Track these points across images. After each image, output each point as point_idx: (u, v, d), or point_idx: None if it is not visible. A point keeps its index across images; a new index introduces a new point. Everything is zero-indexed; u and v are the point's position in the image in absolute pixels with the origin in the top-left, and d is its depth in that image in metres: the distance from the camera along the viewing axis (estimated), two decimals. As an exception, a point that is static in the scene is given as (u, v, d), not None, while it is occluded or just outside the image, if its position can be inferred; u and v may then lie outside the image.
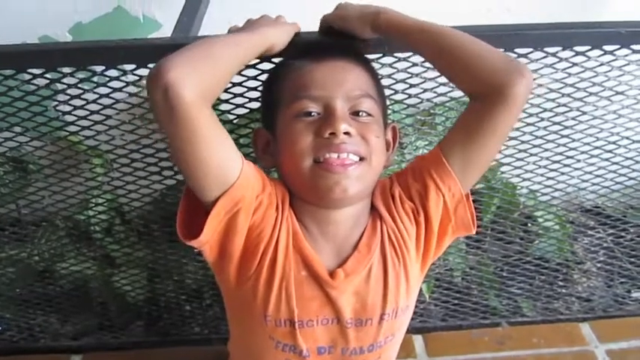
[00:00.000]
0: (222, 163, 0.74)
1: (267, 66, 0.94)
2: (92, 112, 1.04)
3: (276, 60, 0.90)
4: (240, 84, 1.00)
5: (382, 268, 0.84)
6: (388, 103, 1.05)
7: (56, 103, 1.03)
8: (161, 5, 1.41)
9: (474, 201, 0.88)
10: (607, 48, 0.99)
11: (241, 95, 1.02)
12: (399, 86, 1.03)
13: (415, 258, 0.86)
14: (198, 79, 0.68)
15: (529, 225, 1.45)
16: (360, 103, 0.80)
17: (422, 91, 1.05)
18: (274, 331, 0.83)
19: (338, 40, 0.88)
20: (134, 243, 1.32)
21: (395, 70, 1.00)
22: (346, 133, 0.77)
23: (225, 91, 1.00)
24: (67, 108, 1.04)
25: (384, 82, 0.99)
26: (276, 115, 0.83)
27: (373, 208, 0.86)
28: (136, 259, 1.32)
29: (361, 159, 0.79)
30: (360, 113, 0.80)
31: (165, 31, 1.43)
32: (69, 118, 1.06)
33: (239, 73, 0.95)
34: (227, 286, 0.86)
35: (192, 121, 0.68)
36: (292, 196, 0.84)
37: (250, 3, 1.34)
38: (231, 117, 1.07)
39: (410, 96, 1.06)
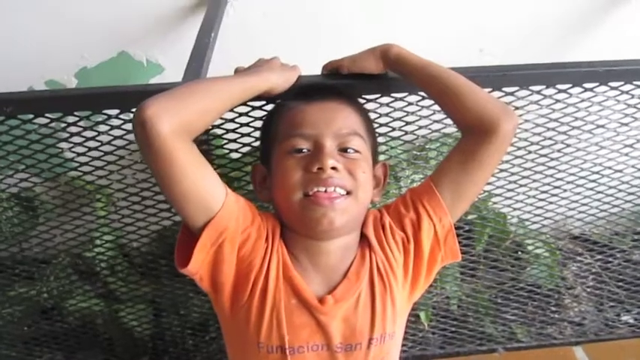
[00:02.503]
0: (203, 193, 0.78)
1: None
2: (106, 154, 1.09)
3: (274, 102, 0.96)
4: (247, 124, 1.06)
5: (370, 295, 0.86)
6: (386, 140, 1.12)
7: (71, 145, 1.08)
8: (164, 50, 1.47)
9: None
10: (587, 85, 1.07)
11: (248, 135, 1.08)
12: (396, 124, 1.10)
13: (402, 285, 0.90)
14: (176, 114, 0.73)
15: (520, 253, 1.51)
16: (349, 140, 0.85)
17: (417, 128, 1.11)
18: (266, 358, 0.85)
19: (331, 81, 0.95)
20: (139, 279, 1.36)
21: (392, 109, 1.06)
22: (333, 168, 0.82)
23: (233, 130, 1.06)
24: (79, 150, 1.09)
25: (382, 120, 1.06)
26: (271, 152, 0.89)
27: (363, 238, 0.90)
28: (142, 294, 1.35)
29: (348, 193, 0.83)
30: (348, 150, 0.85)
31: (168, 74, 1.50)
32: (78, 159, 1.11)
33: (247, 114, 1.02)
34: (222, 314, 0.89)
35: (169, 154, 0.73)
36: (284, 228, 0.88)
37: (252, 50, 1.43)
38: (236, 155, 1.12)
39: (406, 133, 1.12)
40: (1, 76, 1.41)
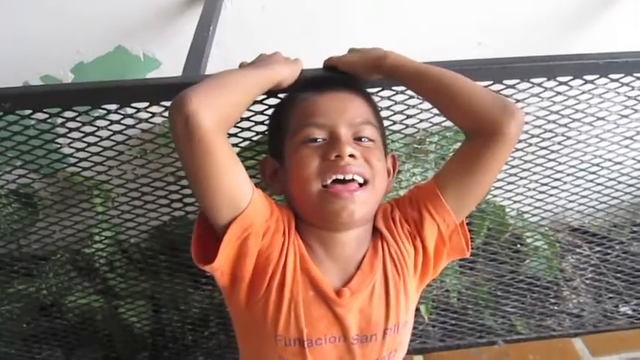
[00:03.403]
0: (235, 188, 0.78)
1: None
2: (105, 149, 1.08)
3: (282, 95, 0.96)
4: (247, 118, 1.06)
5: (384, 286, 0.87)
6: (387, 133, 1.12)
7: (70, 140, 1.07)
8: (160, 44, 1.46)
9: (466, 224, 0.93)
10: (587, 77, 1.07)
11: (248, 129, 1.07)
12: (397, 117, 1.10)
13: (413, 276, 0.91)
14: (217, 109, 0.74)
15: (519, 245, 1.52)
16: (362, 129, 0.85)
17: (418, 121, 1.11)
18: (284, 351, 0.85)
19: (339, 74, 0.94)
20: (138, 275, 1.35)
21: (393, 103, 1.06)
22: (351, 156, 0.83)
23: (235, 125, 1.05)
24: (78, 145, 1.08)
25: (383, 113, 1.06)
26: (283, 144, 0.88)
27: (375, 230, 0.91)
28: (142, 290, 1.35)
29: (365, 182, 0.84)
30: (363, 139, 0.85)
31: (165, 68, 1.49)
32: (77, 155, 1.10)
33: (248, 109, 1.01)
34: (237, 308, 0.88)
35: (209, 148, 0.74)
36: (298, 220, 0.88)
37: (250, 44, 1.42)
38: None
39: (407, 126, 1.12)
40: (-5, 73, 1.40)
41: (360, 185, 0.83)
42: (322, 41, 1.45)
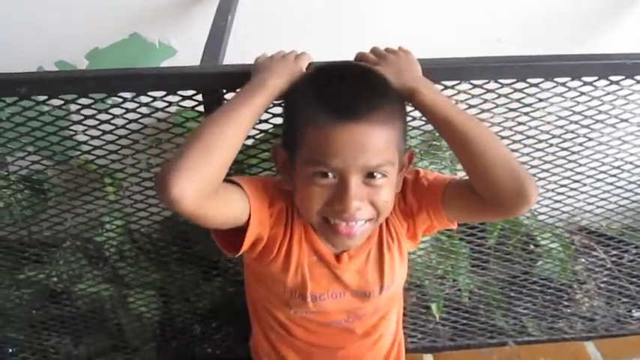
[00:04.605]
0: (232, 219, 0.84)
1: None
2: (119, 137, 1.07)
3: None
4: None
5: (378, 250, 0.94)
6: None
7: (85, 127, 1.06)
8: (176, 32, 1.45)
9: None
10: (613, 78, 1.04)
11: (266, 121, 1.06)
12: (415, 113, 1.07)
13: (407, 237, 0.96)
14: (199, 184, 0.74)
15: (532, 246, 1.50)
16: (377, 168, 0.81)
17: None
18: (290, 300, 0.94)
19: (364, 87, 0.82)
20: (149, 265, 1.35)
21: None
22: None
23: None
24: (93, 133, 1.07)
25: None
26: (294, 149, 0.84)
27: None
28: (152, 281, 1.34)
29: (369, 219, 0.84)
30: (376, 174, 0.81)
31: (180, 56, 1.47)
32: (91, 142, 1.10)
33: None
34: (250, 263, 0.97)
35: (199, 218, 0.78)
36: None
37: (268, 34, 1.40)
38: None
39: (426, 122, 1.09)
40: (10, 57, 1.39)
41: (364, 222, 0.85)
42: (341, 31, 1.44)
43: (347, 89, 0.80)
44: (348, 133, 0.78)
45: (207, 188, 0.75)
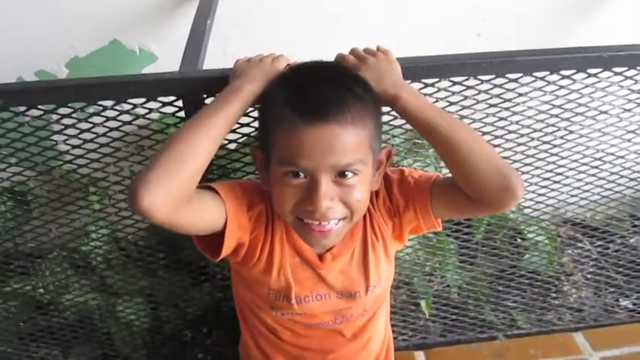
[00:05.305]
0: (210, 225, 0.84)
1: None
2: (101, 145, 1.07)
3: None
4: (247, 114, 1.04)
5: (362, 250, 0.93)
6: (387, 128, 1.10)
7: (65, 137, 1.05)
8: (157, 38, 1.44)
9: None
10: (591, 71, 1.05)
11: (247, 125, 1.06)
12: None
13: (392, 237, 0.96)
14: (170, 195, 0.74)
15: (519, 240, 1.51)
16: (347, 167, 0.80)
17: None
18: (275, 303, 0.94)
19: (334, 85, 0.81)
20: (136, 273, 1.34)
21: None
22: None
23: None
24: (74, 142, 1.06)
25: (383, 108, 1.04)
26: (268, 149, 0.84)
27: None
28: (139, 288, 1.34)
29: (342, 218, 0.84)
30: (347, 173, 0.80)
31: (161, 63, 1.47)
32: (72, 152, 1.09)
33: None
34: (235, 267, 0.97)
35: (173, 227, 0.78)
36: None
37: (248, 37, 1.40)
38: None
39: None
40: (-11, 67, 1.38)
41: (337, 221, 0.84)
42: (320, 33, 1.44)
43: (317, 90, 0.79)
44: (317, 134, 0.77)
45: (178, 198, 0.75)
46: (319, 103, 0.78)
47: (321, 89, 0.79)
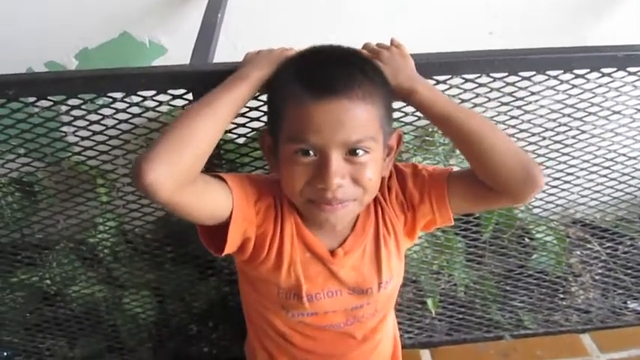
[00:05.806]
0: (215, 212, 0.82)
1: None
2: (110, 138, 1.07)
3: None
4: (256, 108, 1.03)
5: (375, 245, 0.92)
6: (398, 125, 1.09)
7: (75, 128, 1.05)
8: (167, 30, 1.44)
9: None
10: (604, 70, 1.04)
11: (257, 119, 1.05)
12: (408, 109, 1.07)
13: (403, 232, 0.95)
14: (174, 174, 0.74)
15: (527, 240, 1.50)
16: (358, 144, 0.79)
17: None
18: (285, 302, 0.92)
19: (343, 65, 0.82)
20: (143, 266, 1.34)
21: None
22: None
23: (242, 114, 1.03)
24: (83, 134, 1.06)
25: (394, 105, 1.03)
26: (278, 133, 0.83)
27: None
28: (146, 281, 1.34)
29: (353, 199, 0.83)
30: (358, 151, 0.79)
31: (171, 55, 1.46)
32: (81, 144, 1.09)
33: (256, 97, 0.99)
34: (243, 267, 0.94)
35: (175, 207, 0.77)
36: None
37: (259, 30, 1.39)
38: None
39: (418, 118, 1.09)
40: (-1, 58, 1.38)
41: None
42: (331, 27, 1.43)
43: (327, 66, 0.79)
44: (326, 109, 0.76)
45: (181, 177, 0.74)
46: (328, 78, 0.77)
47: (331, 67, 0.79)
